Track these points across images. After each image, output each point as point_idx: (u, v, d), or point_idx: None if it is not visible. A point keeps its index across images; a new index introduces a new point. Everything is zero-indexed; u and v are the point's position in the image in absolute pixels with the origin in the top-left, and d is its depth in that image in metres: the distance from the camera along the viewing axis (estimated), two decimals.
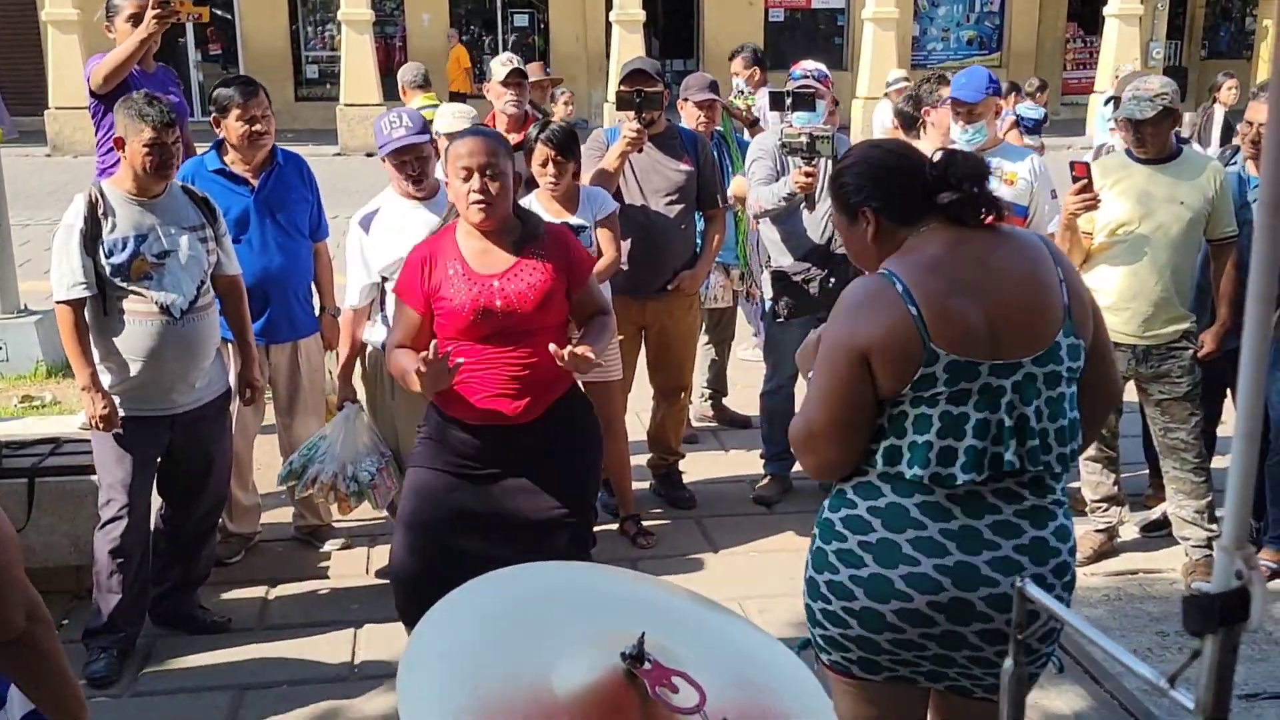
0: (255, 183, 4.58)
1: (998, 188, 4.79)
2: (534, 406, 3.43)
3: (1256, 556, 1.13)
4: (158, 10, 4.95)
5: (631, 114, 4.89)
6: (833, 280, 5.19)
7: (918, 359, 2.24)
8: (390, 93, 20.52)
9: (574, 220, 4.59)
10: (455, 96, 19.75)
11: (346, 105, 19.67)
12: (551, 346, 3.23)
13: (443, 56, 23.81)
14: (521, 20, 24.41)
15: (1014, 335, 2.28)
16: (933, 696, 2.52)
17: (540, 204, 4.65)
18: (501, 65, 5.61)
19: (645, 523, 5.23)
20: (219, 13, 22.69)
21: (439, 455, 3.51)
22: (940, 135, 5.03)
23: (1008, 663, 1.49)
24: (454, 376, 3.25)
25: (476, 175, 3.31)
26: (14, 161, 17.61)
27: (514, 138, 5.32)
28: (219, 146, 4.63)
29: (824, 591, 2.42)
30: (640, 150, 4.97)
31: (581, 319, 3.60)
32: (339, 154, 18.97)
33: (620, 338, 4.96)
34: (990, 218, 2.35)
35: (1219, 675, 1.15)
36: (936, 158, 2.38)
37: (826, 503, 2.48)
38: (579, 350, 3.25)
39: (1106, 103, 5.66)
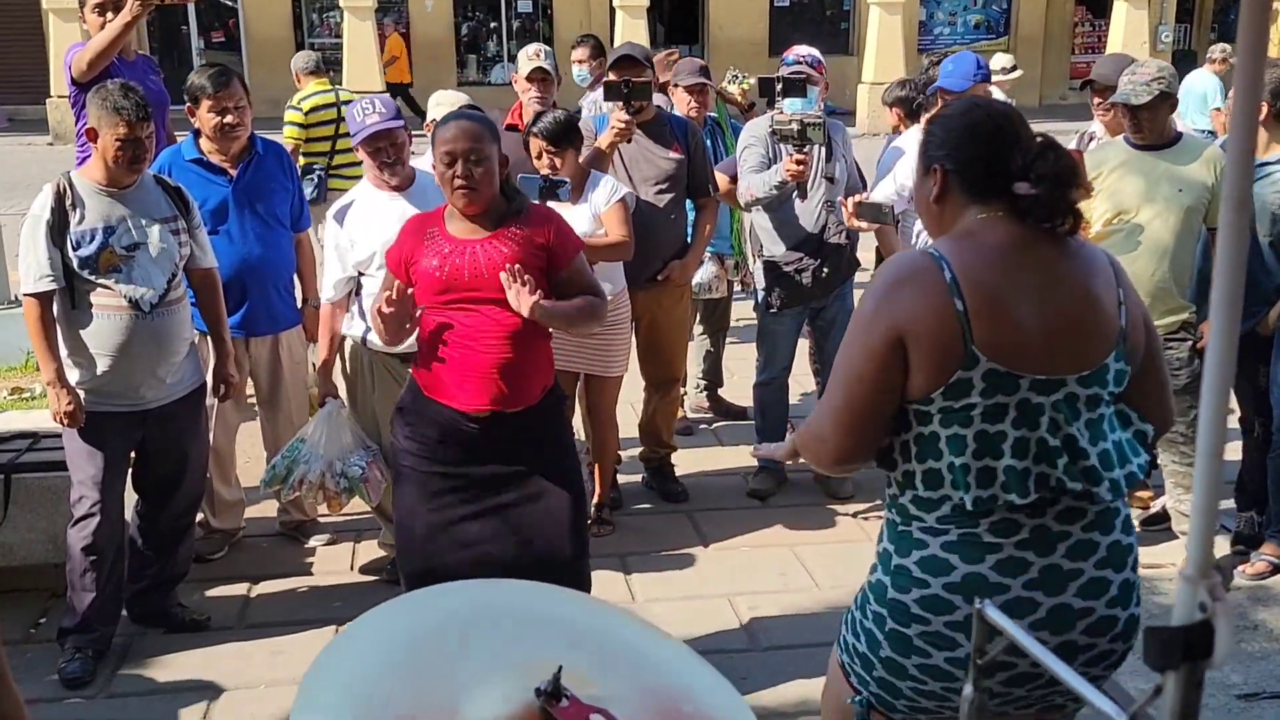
0: (233, 172, 4.49)
1: None
2: (522, 391, 3.35)
3: (1222, 587, 1.03)
4: None
5: (620, 104, 4.79)
6: (825, 270, 5.09)
7: (957, 358, 2.08)
8: None
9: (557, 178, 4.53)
10: (393, 88, 19.46)
11: (351, 91, 19.56)
12: (503, 275, 3.20)
13: (448, 43, 23.71)
14: (525, 5, 24.23)
15: (1066, 351, 2.12)
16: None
17: None
18: (527, 60, 5.39)
19: (636, 516, 5.16)
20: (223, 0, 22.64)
21: (423, 449, 3.43)
22: None
23: (967, 689, 1.40)
24: (413, 327, 3.33)
25: (460, 161, 3.28)
26: (15, 150, 17.67)
27: None
28: (198, 135, 4.54)
29: (914, 674, 2.22)
30: (629, 140, 4.88)
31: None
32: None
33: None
34: (1066, 226, 2.18)
35: (1183, 713, 1.05)
36: (1033, 144, 2.19)
37: (889, 567, 2.25)
38: (531, 295, 3.19)
39: (1082, 87, 5.52)
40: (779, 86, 4.90)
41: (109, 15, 5.14)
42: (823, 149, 5.04)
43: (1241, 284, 0.90)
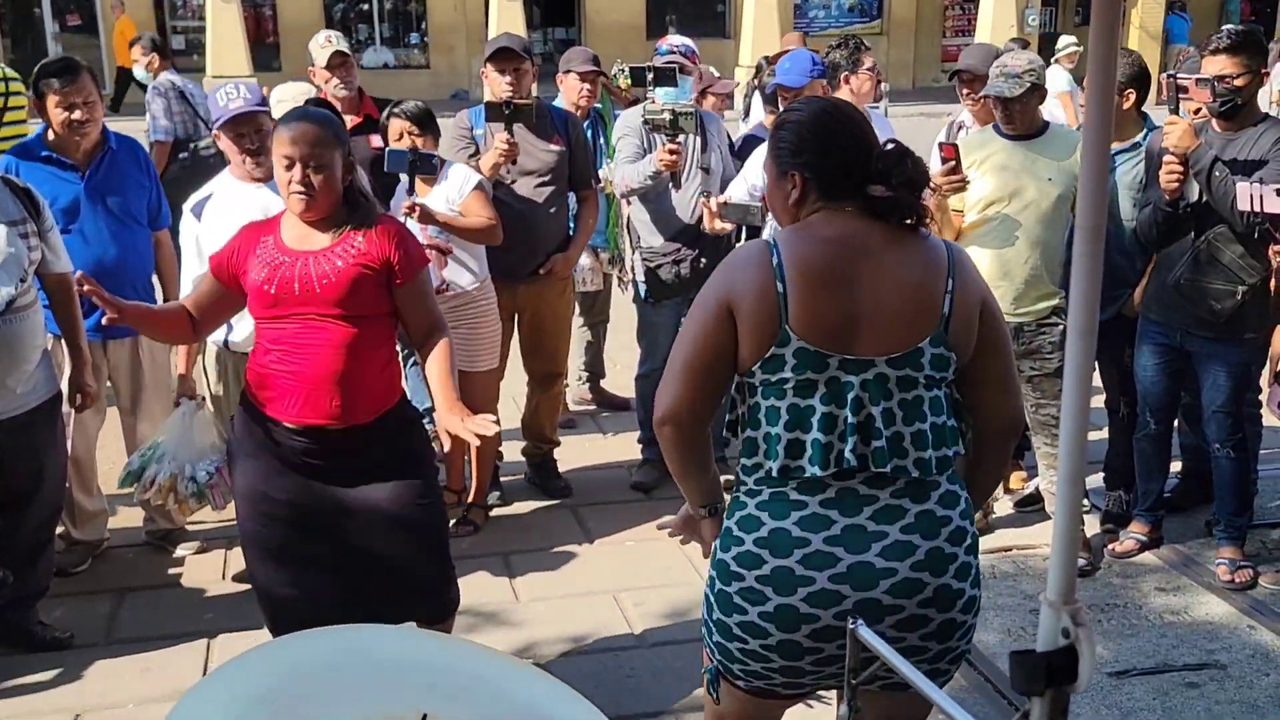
0: (86, 169, 4.29)
1: None
2: (355, 408, 3.17)
3: (1084, 612, 1.02)
4: None
5: (501, 125, 4.71)
6: (703, 261, 5.08)
7: (772, 335, 2.26)
8: (260, 64, 19.97)
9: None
10: (123, 73, 18.66)
11: (214, 77, 18.97)
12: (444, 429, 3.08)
13: (317, 26, 23.18)
14: None
15: (871, 334, 2.27)
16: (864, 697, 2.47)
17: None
18: (321, 48, 5.19)
19: (519, 513, 5.11)
20: None
21: (260, 471, 3.25)
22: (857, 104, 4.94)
23: (842, 708, 1.38)
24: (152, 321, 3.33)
25: (298, 165, 3.09)
26: None
27: (351, 119, 5.11)
28: (47, 129, 4.33)
29: (738, 633, 2.35)
30: (514, 162, 4.80)
31: (414, 331, 3.32)
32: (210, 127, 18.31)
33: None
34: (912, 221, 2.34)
35: None
36: (887, 150, 2.34)
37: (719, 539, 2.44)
38: (470, 425, 3.03)
39: (951, 77, 5.61)
40: (650, 76, 4.86)
41: None
42: (698, 139, 5.03)
43: (1095, 315, 0.89)
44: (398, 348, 3.41)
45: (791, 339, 2.25)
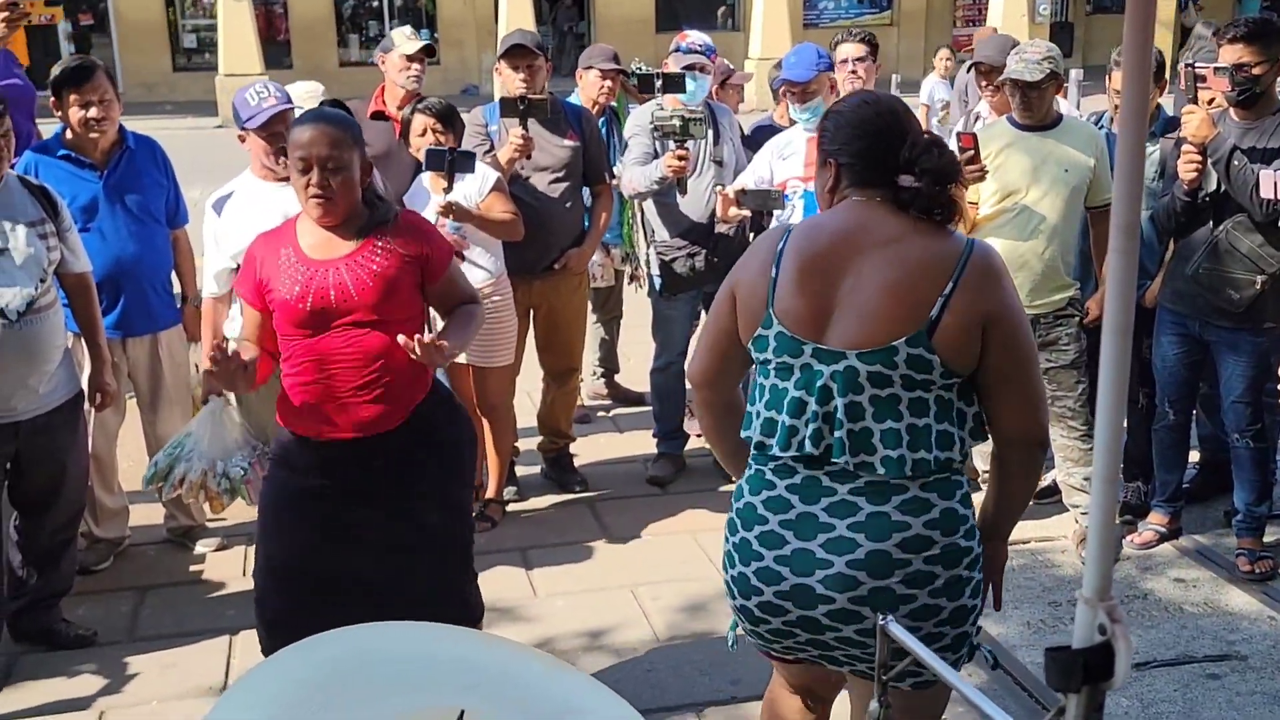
0: (104, 168, 4.31)
1: None
2: (390, 414, 3.10)
3: (1120, 608, 1.02)
4: (6, 14, 4.60)
5: (516, 120, 4.71)
6: (716, 258, 5.08)
7: (759, 317, 2.38)
8: (272, 61, 20.01)
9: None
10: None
11: (226, 75, 19.02)
12: (400, 337, 2.93)
13: (328, 21, 23.21)
14: None
15: (842, 326, 2.31)
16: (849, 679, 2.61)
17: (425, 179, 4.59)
18: (407, 39, 5.20)
19: (536, 509, 5.12)
20: None
21: (290, 480, 3.19)
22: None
23: (873, 705, 1.38)
24: (252, 378, 3.03)
25: (316, 169, 2.97)
26: None
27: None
28: (65, 129, 4.34)
29: (729, 586, 2.49)
30: (529, 157, 4.80)
31: (446, 312, 3.31)
32: (220, 126, 18.35)
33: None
34: (939, 216, 2.36)
35: None
36: (917, 139, 2.37)
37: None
38: (430, 340, 2.94)
39: (969, 69, 5.59)
40: (659, 82, 4.83)
41: None
42: (710, 131, 5.02)
43: (1131, 312, 0.89)
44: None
45: (774, 322, 2.35)
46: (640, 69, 6.93)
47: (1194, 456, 4.97)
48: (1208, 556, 4.58)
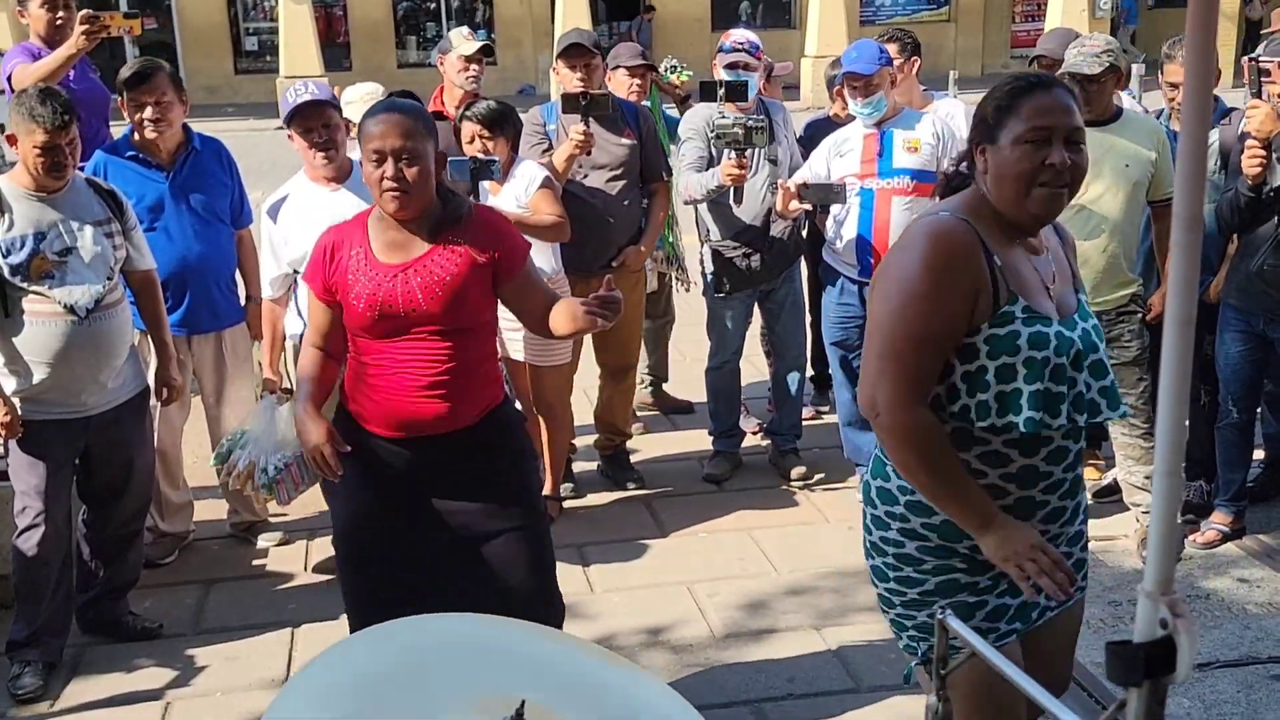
0: (170, 169, 4.40)
1: (903, 158, 4.70)
2: (459, 412, 3.03)
3: (1182, 602, 1.02)
4: (86, 26, 4.71)
5: (577, 116, 4.73)
6: (772, 253, 5.08)
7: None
8: (332, 63, 20.24)
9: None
10: None
11: (287, 77, 19.26)
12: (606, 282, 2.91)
13: (386, 24, 23.41)
14: None
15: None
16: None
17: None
18: (465, 39, 5.22)
19: (592, 505, 5.15)
20: None
21: (359, 479, 3.15)
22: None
23: (930, 698, 1.39)
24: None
25: (390, 160, 2.88)
26: None
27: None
28: (134, 130, 4.43)
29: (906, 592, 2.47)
30: (589, 153, 4.82)
31: (532, 317, 3.16)
32: (280, 127, 18.56)
33: None
34: None
35: None
36: None
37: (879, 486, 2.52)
38: (605, 294, 2.89)
39: (1030, 63, 5.54)
40: (721, 90, 4.83)
41: (59, 13, 5.02)
42: (761, 150, 4.99)
43: (1194, 304, 0.89)
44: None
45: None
46: (675, 67, 6.92)
47: (1258, 455, 4.89)
48: (1272, 556, 4.51)
